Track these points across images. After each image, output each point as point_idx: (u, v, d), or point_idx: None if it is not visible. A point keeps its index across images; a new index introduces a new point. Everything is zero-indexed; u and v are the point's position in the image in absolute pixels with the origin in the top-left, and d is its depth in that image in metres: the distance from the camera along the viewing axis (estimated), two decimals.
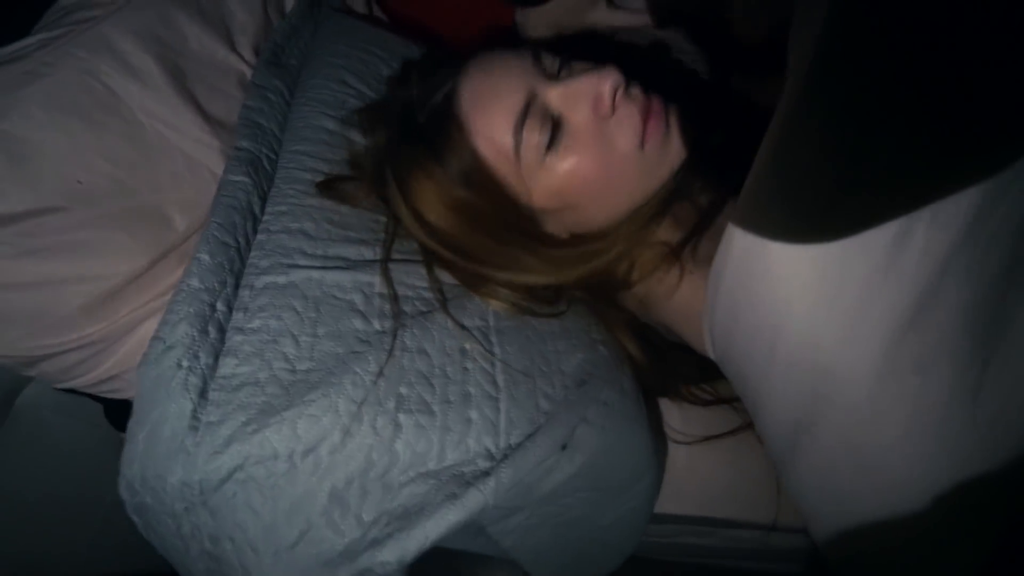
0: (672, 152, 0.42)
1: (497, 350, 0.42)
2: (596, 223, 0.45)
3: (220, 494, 0.33)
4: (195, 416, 0.33)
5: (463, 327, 0.42)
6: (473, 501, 0.35)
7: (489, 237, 0.44)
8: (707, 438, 0.50)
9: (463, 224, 0.43)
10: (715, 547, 0.60)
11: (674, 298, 0.45)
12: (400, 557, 0.34)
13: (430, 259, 0.45)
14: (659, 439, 0.48)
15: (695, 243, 0.45)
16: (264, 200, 0.45)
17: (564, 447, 0.39)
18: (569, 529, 0.48)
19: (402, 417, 0.36)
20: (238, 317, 0.37)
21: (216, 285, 0.37)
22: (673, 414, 0.53)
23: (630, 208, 0.44)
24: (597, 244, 0.45)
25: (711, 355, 0.41)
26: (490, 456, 0.37)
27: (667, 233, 0.46)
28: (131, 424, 0.34)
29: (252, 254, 0.41)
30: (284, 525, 0.33)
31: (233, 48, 0.56)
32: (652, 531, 0.56)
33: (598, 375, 0.43)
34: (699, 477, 0.53)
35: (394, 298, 0.42)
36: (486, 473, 0.36)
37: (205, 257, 0.37)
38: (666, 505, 0.52)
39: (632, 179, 0.43)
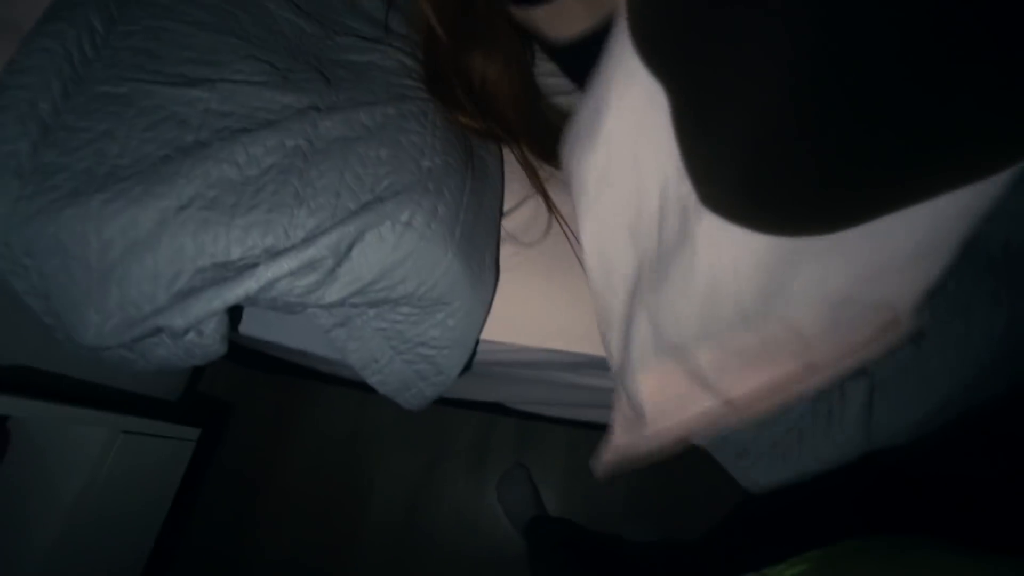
0: None
1: (313, 170, 0.46)
2: None
3: (41, 256, 0.41)
4: (19, 191, 0.40)
5: (284, 145, 0.46)
6: (245, 284, 0.41)
7: None
8: None
9: None
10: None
11: None
12: (186, 320, 0.41)
13: None
14: (484, 270, 0.52)
15: None
16: (112, 20, 0.49)
17: (346, 252, 0.44)
18: (401, 341, 0.55)
19: (203, 214, 0.42)
20: (68, 118, 0.43)
21: (37, 84, 0.42)
22: None
23: None
24: None
25: None
26: (269, 253, 0.42)
27: None
28: None
29: (94, 65, 0.46)
30: (98, 291, 0.42)
31: None
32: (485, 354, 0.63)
33: (405, 197, 0.46)
34: (530, 310, 0.58)
35: (223, 115, 0.46)
36: (258, 264, 0.42)
37: (22, 60, 0.43)
38: (495, 333, 0.58)
39: None
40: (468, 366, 0.59)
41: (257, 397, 1.29)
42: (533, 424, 1.26)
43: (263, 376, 1.27)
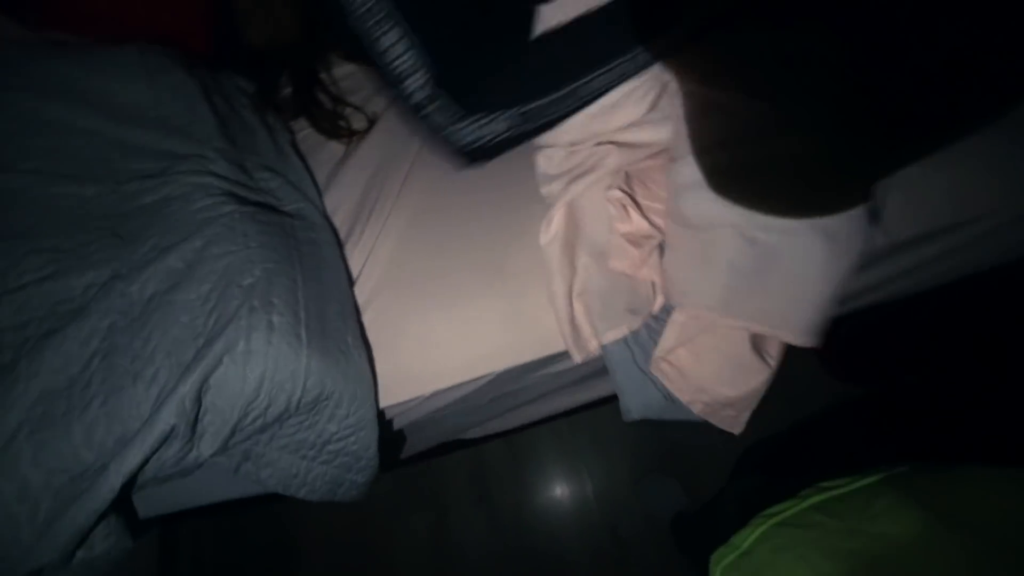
0: None
1: (137, 341, 0.46)
2: None
3: None
4: None
5: (99, 328, 0.46)
6: (105, 488, 0.41)
7: None
8: None
9: None
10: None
11: None
12: (59, 551, 0.40)
13: None
14: (349, 351, 0.53)
15: None
16: None
17: (196, 408, 0.44)
18: (307, 448, 0.55)
19: (36, 436, 0.42)
20: None
21: None
22: None
23: None
24: None
25: None
26: (121, 443, 0.42)
27: None
28: None
29: None
30: None
31: None
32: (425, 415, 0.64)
33: (234, 326, 0.46)
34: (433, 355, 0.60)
35: (21, 326, 0.45)
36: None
37: None
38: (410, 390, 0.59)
39: None
40: (400, 436, 0.60)
41: (238, 543, 1.27)
42: (516, 436, 1.28)
43: (228, 522, 1.25)
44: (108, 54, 0.62)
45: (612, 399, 1.26)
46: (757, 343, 0.60)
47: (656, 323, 0.61)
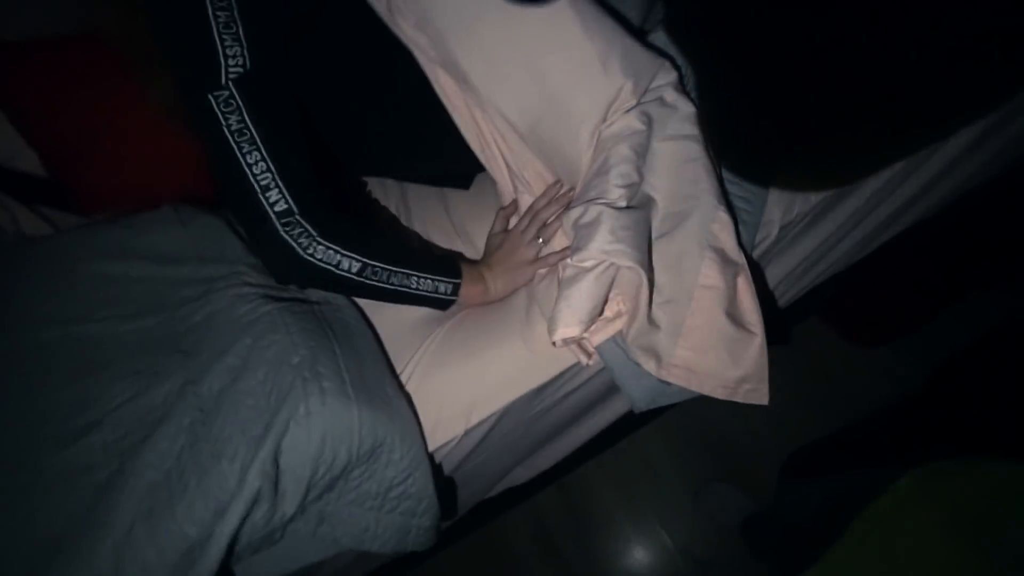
0: None
1: (215, 427, 0.55)
2: None
3: None
4: None
5: (182, 426, 0.55)
6: (214, 549, 0.48)
7: None
8: None
9: None
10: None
11: None
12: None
13: None
14: (391, 399, 0.61)
15: None
16: None
17: (275, 469, 0.52)
18: (372, 499, 0.62)
19: (149, 523, 0.49)
20: None
21: None
22: None
23: None
24: None
25: None
26: (218, 514, 0.50)
27: None
28: None
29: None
30: None
31: None
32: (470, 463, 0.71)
33: (292, 396, 0.55)
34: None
35: (120, 439, 0.54)
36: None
37: None
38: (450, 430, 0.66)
39: None
40: (451, 484, 0.65)
41: None
42: (566, 478, 1.31)
43: None
44: (148, 215, 0.77)
45: (644, 422, 1.30)
46: (734, 319, 0.67)
47: None
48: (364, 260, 0.61)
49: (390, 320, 0.74)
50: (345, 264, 0.61)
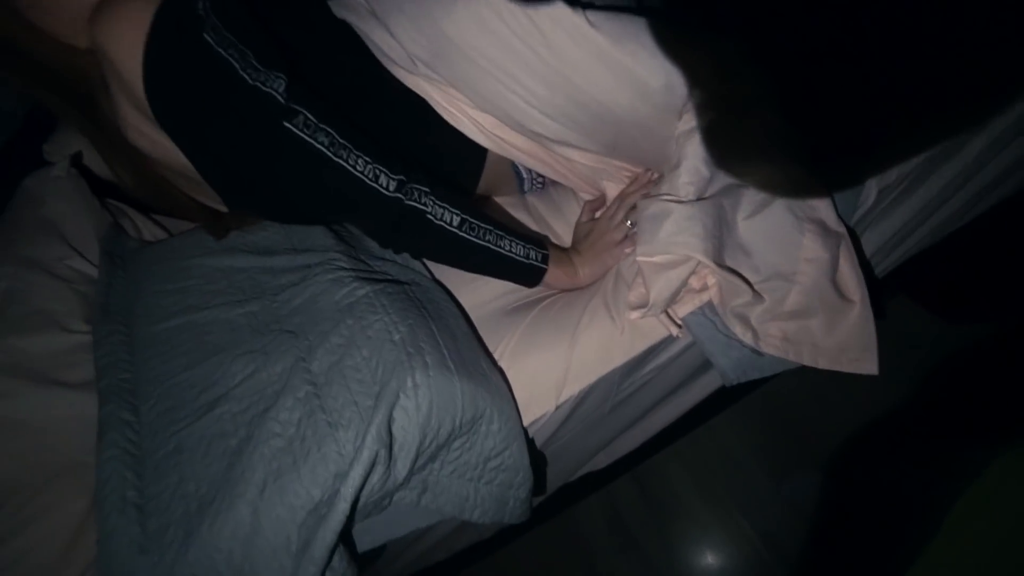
0: None
1: (328, 400, 0.60)
2: None
3: None
4: (150, 564, 0.52)
5: (298, 399, 0.60)
6: (340, 508, 0.53)
7: None
8: None
9: None
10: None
11: None
12: (317, 566, 0.52)
13: None
14: (488, 372, 0.65)
15: None
16: (135, 407, 0.64)
17: (388, 436, 0.56)
18: (472, 469, 0.65)
19: (278, 483, 0.55)
20: (150, 489, 0.57)
21: (117, 482, 0.56)
22: None
23: None
24: None
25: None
26: (339, 477, 0.54)
27: None
28: None
29: (144, 444, 0.60)
30: None
31: None
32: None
33: (399, 370, 0.59)
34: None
35: (245, 410, 0.60)
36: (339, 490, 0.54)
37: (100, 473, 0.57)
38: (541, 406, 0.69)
39: None
40: (543, 459, 0.68)
41: None
42: (641, 468, 1.31)
43: None
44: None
45: (721, 410, 1.29)
46: (837, 287, 0.67)
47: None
48: (462, 215, 0.65)
49: (480, 306, 0.77)
50: (447, 217, 0.65)
